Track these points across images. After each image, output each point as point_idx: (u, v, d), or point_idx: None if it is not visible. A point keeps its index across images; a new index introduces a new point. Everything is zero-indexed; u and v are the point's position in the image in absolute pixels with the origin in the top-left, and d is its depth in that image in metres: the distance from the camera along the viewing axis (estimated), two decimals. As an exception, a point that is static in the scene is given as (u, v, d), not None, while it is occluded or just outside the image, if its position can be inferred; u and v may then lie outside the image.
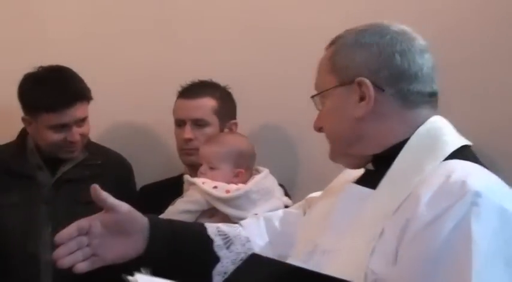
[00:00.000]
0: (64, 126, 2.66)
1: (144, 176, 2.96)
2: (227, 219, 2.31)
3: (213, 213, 2.36)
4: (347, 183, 1.67)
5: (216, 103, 2.72)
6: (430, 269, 1.35)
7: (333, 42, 1.65)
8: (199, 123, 2.70)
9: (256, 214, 2.20)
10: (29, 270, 2.68)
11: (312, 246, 1.60)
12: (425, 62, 1.59)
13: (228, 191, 2.34)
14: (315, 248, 1.59)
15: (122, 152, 2.94)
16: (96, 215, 1.67)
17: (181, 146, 2.73)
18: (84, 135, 2.73)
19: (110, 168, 2.82)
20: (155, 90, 2.95)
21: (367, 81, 1.56)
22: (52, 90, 2.65)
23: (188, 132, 2.69)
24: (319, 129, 1.66)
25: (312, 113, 1.68)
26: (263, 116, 2.98)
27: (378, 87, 1.56)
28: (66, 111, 2.63)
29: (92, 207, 2.65)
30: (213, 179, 2.40)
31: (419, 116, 1.59)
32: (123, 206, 1.66)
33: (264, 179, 2.40)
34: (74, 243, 1.62)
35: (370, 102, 1.56)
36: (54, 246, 2.56)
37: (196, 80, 2.78)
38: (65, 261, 1.61)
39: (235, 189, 2.35)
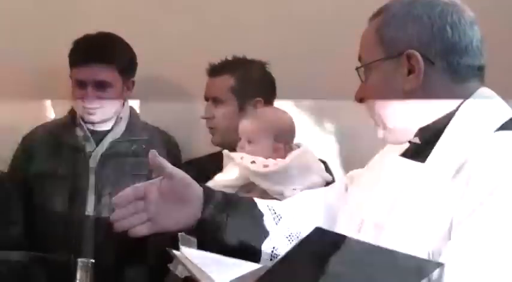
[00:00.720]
0: (83, 84, 2.70)
1: (184, 152, 2.97)
2: (265, 194, 2.29)
3: (250, 189, 2.33)
4: (392, 157, 1.64)
5: (235, 81, 2.70)
6: (491, 240, 1.34)
7: (379, 13, 1.60)
8: (216, 101, 2.71)
9: (294, 189, 2.23)
10: (74, 240, 2.71)
11: (358, 222, 1.58)
12: (475, 34, 1.55)
13: (266, 166, 2.31)
14: (361, 223, 1.57)
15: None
16: (152, 180, 1.63)
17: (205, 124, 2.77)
18: (102, 101, 2.73)
19: (157, 144, 2.82)
20: (189, 68, 2.93)
21: (418, 54, 1.53)
22: (79, 46, 2.72)
23: (206, 110, 2.74)
24: (360, 100, 1.62)
25: (347, 90, 1.65)
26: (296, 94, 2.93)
27: (428, 61, 1.53)
28: (83, 67, 2.69)
29: (137, 180, 2.72)
30: (252, 154, 2.37)
31: (468, 90, 1.55)
32: (180, 173, 1.62)
33: (303, 154, 2.36)
34: (132, 207, 1.59)
35: (419, 76, 1.53)
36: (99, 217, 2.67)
37: (223, 59, 2.78)
38: (123, 223, 1.60)
39: (273, 164, 2.31)
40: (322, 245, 1.28)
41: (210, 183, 2.34)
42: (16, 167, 2.84)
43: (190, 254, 1.50)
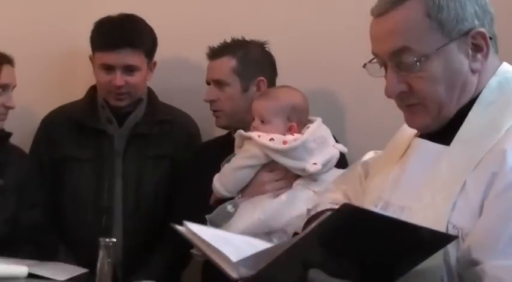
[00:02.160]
0: (110, 68, 2.70)
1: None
2: (287, 172, 2.32)
3: (272, 168, 2.35)
4: (414, 139, 1.63)
5: (236, 62, 2.66)
6: None
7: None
8: (219, 84, 2.67)
9: (315, 163, 2.25)
10: (102, 223, 2.74)
11: (382, 204, 1.57)
12: None
13: (285, 142, 2.30)
14: (387, 206, 1.56)
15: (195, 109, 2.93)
16: None
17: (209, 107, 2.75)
18: (132, 85, 2.73)
19: (179, 125, 2.84)
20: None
21: (485, 31, 1.50)
22: (106, 30, 2.70)
23: (208, 93, 2.70)
24: (400, 92, 1.55)
25: (362, 74, 1.61)
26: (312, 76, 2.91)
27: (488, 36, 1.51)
28: (111, 52, 2.67)
29: (160, 161, 2.75)
30: (266, 132, 2.37)
31: (495, 63, 1.55)
32: None
33: (318, 128, 2.36)
34: None
35: (488, 53, 1.51)
36: (125, 199, 2.68)
37: (222, 42, 2.75)
38: None
39: (292, 139, 2.31)
40: (348, 220, 1.29)
41: (227, 166, 2.37)
42: (37, 150, 2.84)
43: (198, 230, 1.50)
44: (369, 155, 1.86)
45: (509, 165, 1.39)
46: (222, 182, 2.36)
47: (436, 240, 1.37)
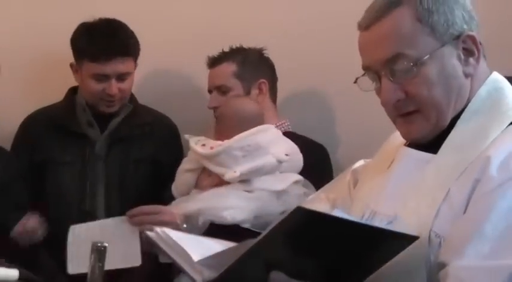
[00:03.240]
0: (104, 77, 2.70)
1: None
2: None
3: (210, 172, 2.38)
4: (401, 148, 1.64)
5: (236, 66, 2.73)
6: (491, 223, 1.35)
7: (396, 4, 1.54)
8: (222, 90, 2.72)
9: (234, 172, 2.27)
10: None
11: (369, 213, 1.59)
12: None
13: (212, 148, 2.35)
14: (374, 215, 1.57)
15: (172, 111, 2.97)
16: None
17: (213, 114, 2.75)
18: (124, 91, 2.75)
19: (159, 127, 2.86)
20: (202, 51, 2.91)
21: (475, 35, 1.52)
22: (98, 39, 2.69)
23: (212, 100, 2.74)
24: (397, 101, 1.56)
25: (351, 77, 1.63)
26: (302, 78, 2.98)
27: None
28: (107, 62, 2.67)
29: (142, 165, 2.75)
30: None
31: (485, 70, 1.57)
32: None
33: (251, 136, 2.36)
34: None
35: (480, 57, 1.53)
36: (108, 203, 2.66)
37: (220, 51, 2.80)
38: None
39: (217, 145, 2.35)
40: (303, 223, 1.31)
41: (179, 170, 2.46)
42: (17, 154, 2.81)
43: (168, 233, 1.51)
44: (359, 163, 1.87)
45: (491, 172, 1.40)
46: (175, 185, 2.46)
47: (397, 241, 1.39)
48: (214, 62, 2.78)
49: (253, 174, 2.32)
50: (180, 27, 3.02)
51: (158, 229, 1.52)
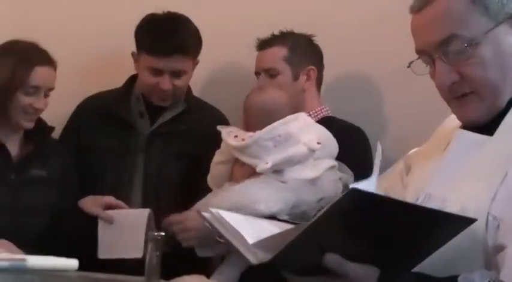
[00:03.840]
0: (159, 72, 2.71)
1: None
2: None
3: (243, 162, 2.37)
4: (456, 130, 1.62)
5: (287, 51, 2.72)
6: None
7: None
8: (270, 73, 2.71)
9: (266, 163, 2.26)
10: None
11: (424, 196, 1.57)
12: None
13: (243, 140, 2.34)
14: (429, 197, 1.56)
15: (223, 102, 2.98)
16: None
17: None
18: (178, 88, 2.75)
19: (206, 123, 2.82)
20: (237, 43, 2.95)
21: None
22: (157, 34, 2.70)
23: (260, 82, 2.71)
24: (452, 83, 1.55)
25: (395, 63, 1.61)
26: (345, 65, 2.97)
27: None
28: (163, 58, 2.68)
29: (182, 159, 2.77)
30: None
31: None
32: None
33: (282, 126, 2.34)
34: None
35: None
36: (144, 196, 2.70)
37: (271, 34, 2.80)
38: None
39: (248, 137, 2.34)
40: (357, 205, 1.30)
41: (212, 162, 2.46)
42: (66, 136, 2.87)
43: (222, 215, 1.52)
44: (412, 151, 1.86)
45: None
46: (209, 178, 2.47)
47: (453, 223, 1.38)
48: (264, 44, 2.77)
49: (285, 164, 2.30)
50: (229, 17, 3.04)
51: (213, 210, 1.53)
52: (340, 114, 2.77)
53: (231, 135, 2.37)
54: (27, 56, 2.55)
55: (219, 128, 2.45)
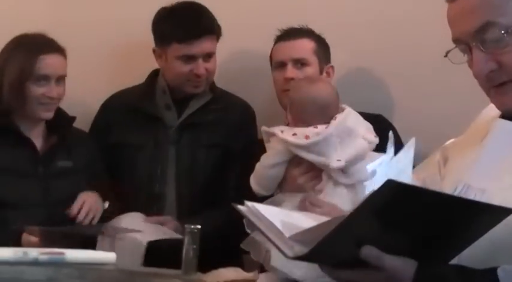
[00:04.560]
0: (191, 58, 2.73)
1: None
2: (313, 166, 2.23)
3: (299, 161, 2.26)
4: (496, 120, 1.60)
5: (315, 44, 2.72)
6: None
7: None
8: (301, 62, 2.69)
9: (339, 160, 2.14)
10: (153, 210, 2.77)
11: (462, 187, 1.55)
12: None
13: (307, 137, 2.21)
14: (467, 188, 1.54)
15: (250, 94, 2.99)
16: None
17: (282, 87, 2.69)
18: (209, 71, 2.78)
19: (233, 112, 2.86)
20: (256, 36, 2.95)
21: None
22: (184, 21, 2.74)
23: (290, 71, 2.68)
24: (490, 72, 1.52)
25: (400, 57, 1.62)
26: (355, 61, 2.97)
27: None
28: (195, 42, 2.71)
29: (213, 150, 2.78)
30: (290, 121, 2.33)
31: None
32: None
33: (345, 119, 2.26)
34: None
35: None
36: (178, 188, 2.71)
37: (292, 26, 2.79)
38: None
39: (314, 133, 2.21)
40: (394, 196, 1.29)
41: (258, 166, 2.30)
42: (94, 134, 2.89)
43: (260, 207, 1.51)
44: (449, 142, 1.83)
45: None
46: (257, 181, 2.29)
47: (491, 214, 1.36)
48: (293, 34, 2.75)
49: (355, 160, 2.20)
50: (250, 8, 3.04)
51: (249, 203, 1.52)
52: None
53: (288, 134, 2.25)
54: (31, 46, 2.57)
55: (264, 129, 2.34)
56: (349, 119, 2.26)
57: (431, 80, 2.86)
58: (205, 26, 2.73)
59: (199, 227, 1.82)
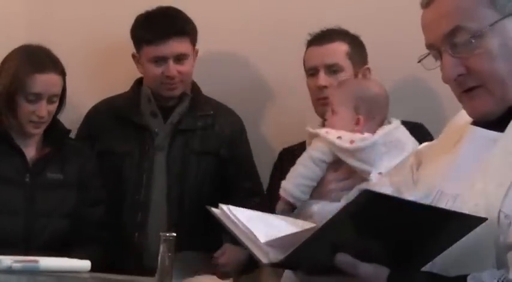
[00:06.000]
0: (162, 60, 2.74)
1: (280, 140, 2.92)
2: (353, 172, 2.17)
3: (338, 167, 2.19)
4: (468, 127, 1.61)
5: (348, 47, 2.60)
6: None
7: None
8: (333, 69, 2.57)
9: (380, 173, 2.06)
10: (137, 218, 2.76)
11: (436, 193, 1.56)
12: None
13: (352, 142, 2.14)
14: (440, 194, 1.55)
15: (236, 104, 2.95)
16: None
17: (316, 96, 2.60)
18: (183, 74, 2.77)
19: (222, 120, 2.85)
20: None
21: None
22: (153, 24, 2.76)
23: (322, 78, 2.56)
24: (458, 76, 1.53)
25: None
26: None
27: None
28: (161, 43, 2.73)
29: (204, 157, 2.78)
30: (332, 124, 2.24)
31: None
32: None
33: (394, 130, 2.19)
34: None
35: None
36: (169, 195, 2.71)
37: (324, 28, 2.68)
38: None
39: (359, 139, 2.15)
40: (369, 206, 1.30)
41: (302, 159, 2.20)
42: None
43: (234, 211, 1.50)
44: (423, 146, 1.84)
45: None
46: (296, 182, 2.17)
47: (464, 223, 1.37)
48: (325, 38, 2.62)
49: None
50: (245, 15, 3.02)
51: (224, 206, 1.51)
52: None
53: (334, 136, 2.16)
54: (29, 62, 2.55)
55: (307, 129, 2.26)
56: (398, 131, 2.21)
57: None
58: (173, 27, 2.74)
59: (174, 234, 1.82)
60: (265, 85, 2.83)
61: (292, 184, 2.16)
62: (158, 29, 2.74)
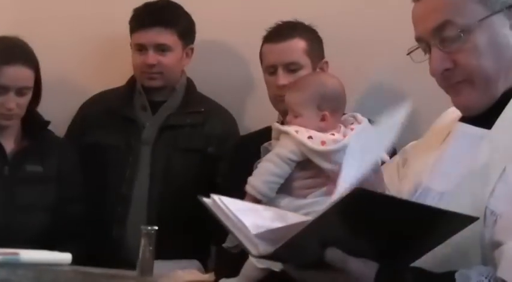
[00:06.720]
0: (143, 48, 2.74)
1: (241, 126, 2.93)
2: (320, 172, 2.08)
3: (304, 166, 2.11)
4: (455, 123, 1.61)
5: (306, 43, 2.54)
6: None
7: None
8: (291, 68, 2.51)
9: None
10: (118, 210, 2.75)
11: (422, 190, 1.56)
12: None
13: (323, 143, 2.08)
14: (427, 191, 1.55)
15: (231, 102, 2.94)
16: None
17: (275, 93, 2.55)
18: (163, 65, 2.76)
19: (213, 119, 2.83)
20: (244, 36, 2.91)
21: None
22: (143, 12, 2.76)
23: (281, 77, 2.51)
24: (445, 70, 1.54)
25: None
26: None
27: None
28: (142, 31, 2.73)
29: (191, 154, 2.76)
30: (300, 125, 2.13)
31: None
32: None
33: (363, 131, 2.11)
34: None
35: None
36: (151, 190, 2.69)
37: (280, 22, 2.62)
38: None
39: (331, 140, 2.08)
40: (360, 203, 1.30)
41: (271, 156, 2.11)
42: (70, 135, 2.88)
43: (226, 201, 1.48)
44: (410, 144, 1.84)
45: None
46: (263, 179, 2.08)
47: (455, 222, 1.37)
48: (282, 36, 2.56)
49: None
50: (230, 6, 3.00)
51: (215, 196, 1.49)
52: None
53: (304, 135, 2.09)
54: None
55: (275, 125, 2.17)
56: (367, 131, 2.10)
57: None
58: (154, 16, 2.73)
59: (156, 228, 1.81)
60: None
61: (260, 181, 2.07)
62: (145, 17, 2.74)
